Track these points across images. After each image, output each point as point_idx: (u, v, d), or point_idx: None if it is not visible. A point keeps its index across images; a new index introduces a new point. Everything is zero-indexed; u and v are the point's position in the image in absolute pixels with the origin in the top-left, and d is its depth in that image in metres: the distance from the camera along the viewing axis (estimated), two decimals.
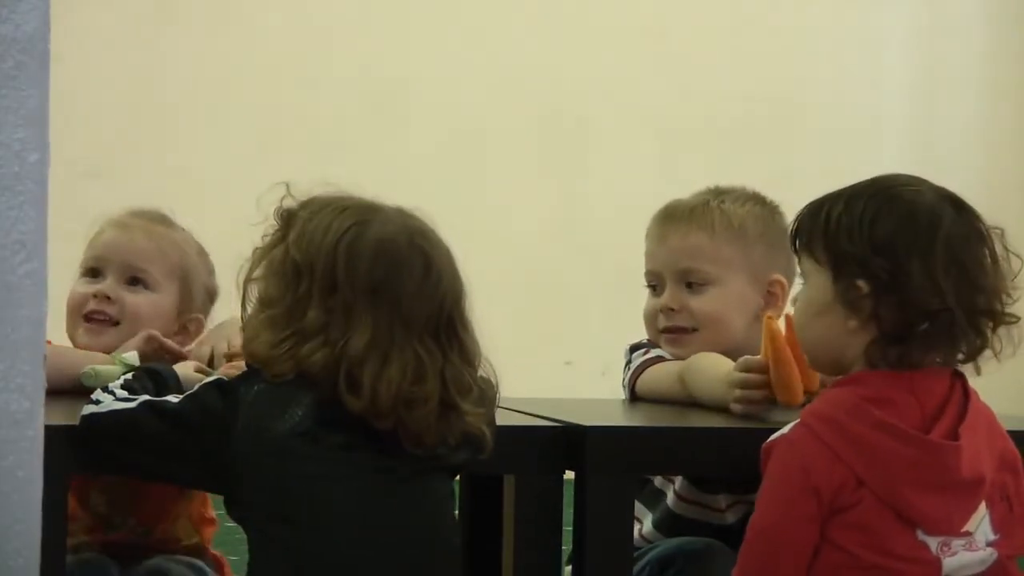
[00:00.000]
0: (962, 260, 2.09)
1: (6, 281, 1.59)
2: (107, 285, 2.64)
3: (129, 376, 2.17)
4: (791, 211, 2.80)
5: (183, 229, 2.74)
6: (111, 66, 6.34)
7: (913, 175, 2.20)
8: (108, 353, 2.58)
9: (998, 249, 2.14)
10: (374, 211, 2.13)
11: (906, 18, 7.30)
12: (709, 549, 2.53)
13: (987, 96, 7.35)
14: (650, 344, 2.75)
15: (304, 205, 2.15)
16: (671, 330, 2.71)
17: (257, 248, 2.16)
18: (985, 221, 2.15)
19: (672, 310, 2.70)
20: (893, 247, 2.09)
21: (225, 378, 2.10)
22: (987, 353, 2.13)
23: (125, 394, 2.11)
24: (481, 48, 6.79)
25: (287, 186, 2.16)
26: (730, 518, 2.63)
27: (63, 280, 2.68)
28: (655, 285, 2.75)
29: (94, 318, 2.63)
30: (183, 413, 2.06)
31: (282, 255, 2.10)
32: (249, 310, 2.14)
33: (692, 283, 2.70)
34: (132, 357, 2.49)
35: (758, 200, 2.77)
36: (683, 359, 2.67)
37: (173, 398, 2.09)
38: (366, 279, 2.07)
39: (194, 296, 2.69)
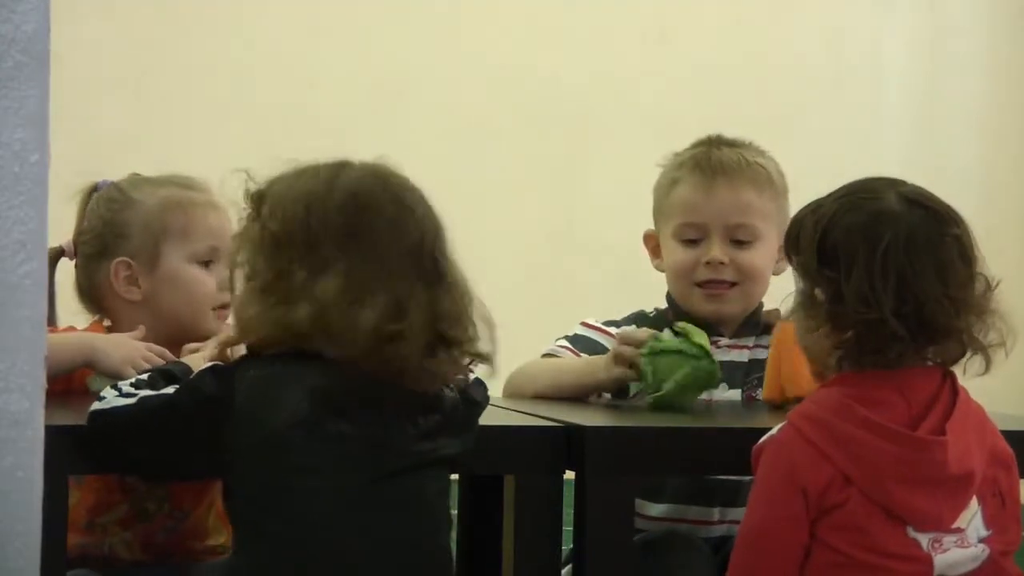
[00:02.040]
0: (904, 270, 2.09)
1: (6, 281, 1.59)
2: (228, 277, 2.66)
3: (143, 377, 2.17)
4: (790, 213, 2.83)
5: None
6: (111, 66, 6.34)
7: (885, 179, 2.20)
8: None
9: (959, 257, 2.13)
10: (341, 167, 2.15)
11: (907, 18, 7.30)
12: (667, 538, 2.54)
13: (988, 97, 7.35)
14: (565, 342, 2.76)
15: (273, 182, 2.16)
16: (713, 283, 2.72)
17: (235, 235, 2.17)
18: (956, 224, 2.15)
19: (722, 263, 2.71)
20: (836, 258, 2.12)
21: (221, 363, 2.10)
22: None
23: (131, 390, 2.10)
24: (481, 48, 6.79)
25: (247, 172, 2.16)
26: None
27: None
28: (695, 239, 2.75)
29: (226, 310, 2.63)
30: (178, 402, 2.05)
31: (259, 231, 2.11)
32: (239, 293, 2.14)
33: (739, 239, 2.72)
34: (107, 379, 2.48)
35: (763, 151, 2.82)
36: (721, 315, 2.68)
37: (171, 389, 2.08)
38: (337, 227, 2.08)
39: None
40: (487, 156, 6.61)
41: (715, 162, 2.78)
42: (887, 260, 2.10)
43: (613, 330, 2.75)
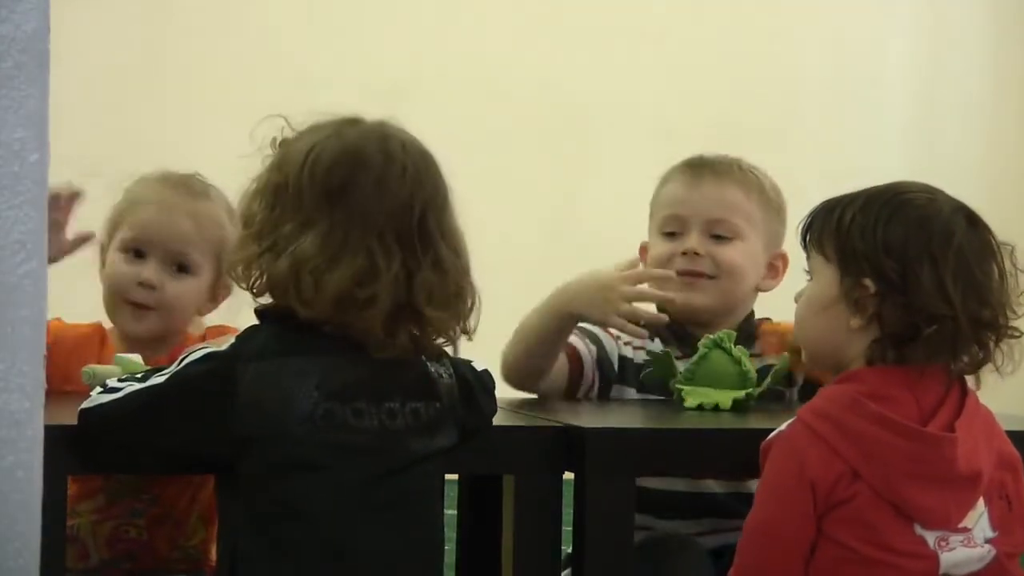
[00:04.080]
0: (971, 271, 2.10)
1: (6, 281, 1.59)
2: (152, 272, 2.60)
3: (136, 374, 2.16)
4: (790, 212, 2.82)
5: (217, 191, 2.70)
6: (111, 66, 6.34)
7: (929, 184, 2.21)
8: (147, 336, 2.57)
9: (1007, 265, 2.15)
10: (349, 123, 2.13)
11: (907, 18, 7.30)
12: (666, 540, 2.53)
13: (989, 97, 7.35)
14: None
15: (299, 134, 2.15)
16: (689, 273, 2.71)
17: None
18: (996, 236, 2.16)
19: (697, 254, 2.71)
20: (905, 249, 2.10)
21: (215, 348, 2.08)
22: (990, 366, 2.15)
23: (117, 384, 2.09)
24: (481, 48, 6.78)
25: (285, 119, 2.15)
26: (715, 487, 2.64)
27: (63, 280, 2.68)
28: (674, 232, 2.75)
29: (138, 304, 2.60)
30: (168, 390, 2.04)
31: (264, 179, 2.11)
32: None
33: (719, 234, 2.72)
34: (133, 361, 2.46)
35: (768, 175, 2.82)
36: (693, 305, 2.68)
37: (159, 377, 2.06)
38: (323, 182, 2.06)
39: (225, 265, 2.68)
40: (487, 156, 6.60)
41: (703, 160, 2.79)
42: (960, 259, 2.10)
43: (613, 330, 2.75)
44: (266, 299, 2.12)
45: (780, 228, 2.77)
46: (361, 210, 2.05)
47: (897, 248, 2.11)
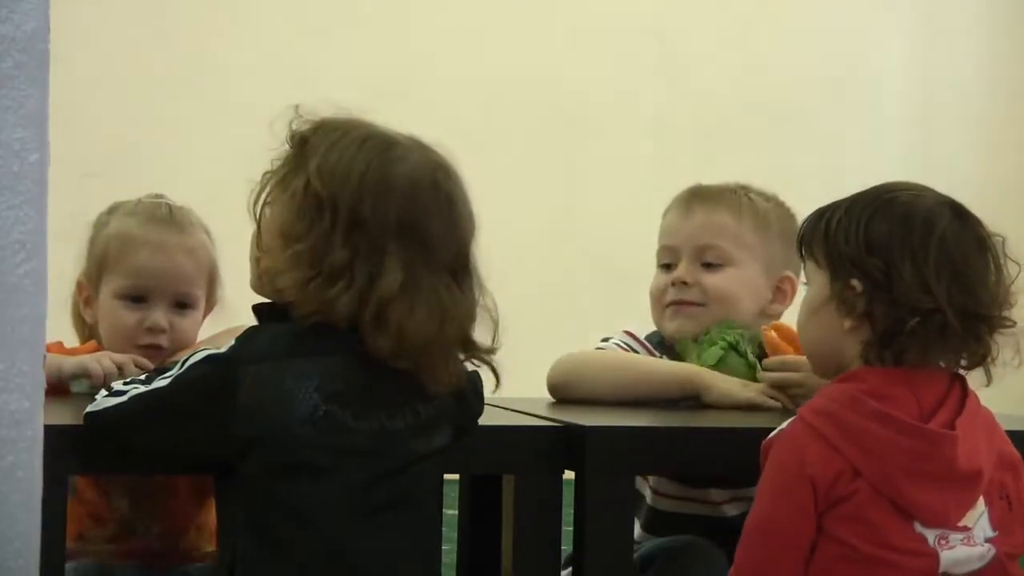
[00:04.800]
0: (955, 263, 2.11)
1: (6, 281, 1.59)
2: (160, 317, 2.60)
3: (140, 377, 2.16)
4: None
5: (190, 211, 2.69)
6: (111, 66, 6.34)
7: (916, 183, 2.22)
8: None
9: (1000, 257, 2.15)
10: (394, 143, 2.11)
11: (906, 18, 7.30)
12: (689, 547, 2.53)
13: (987, 97, 7.35)
14: (624, 337, 2.75)
15: (317, 129, 2.12)
16: (678, 303, 2.71)
17: (268, 172, 2.12)
18: (987, 229, 2.16)
19: (685, 283, 2.70)
20: (887, 247, 2.12)
21: (215, 350, 2.07)
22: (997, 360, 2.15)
23: (122, 388, 2.09)
24: (481, 48, 6.79)
25: (296, 108, 2.13)
26: (730, 511, 2.63)
27: (63, 280, 2.69)
28: (668, 263, 2.75)
29: (150, 346, 2.60)
30: (171, 393, 2.04)
31: (303, 186, 2.07)
32: (263, 237, 2.10)
33: (709, 262, 2.71)
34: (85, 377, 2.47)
35: (779, 200, 2.79)
36: (685, 334, 2.68)
37: (162, 380, 2.06)
38: (394, 217, 2.05)
39: (216, 286, 2.68)
40: (487, 156, 6.60)
41: (697, 190, 2.78)
42: (943, 252, 2.11)
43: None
44: (259, 295, 2.11)
45: (785, 251, 2.72)
46: (431, 252, 2.06)
47: (880, 246, 2.12)
